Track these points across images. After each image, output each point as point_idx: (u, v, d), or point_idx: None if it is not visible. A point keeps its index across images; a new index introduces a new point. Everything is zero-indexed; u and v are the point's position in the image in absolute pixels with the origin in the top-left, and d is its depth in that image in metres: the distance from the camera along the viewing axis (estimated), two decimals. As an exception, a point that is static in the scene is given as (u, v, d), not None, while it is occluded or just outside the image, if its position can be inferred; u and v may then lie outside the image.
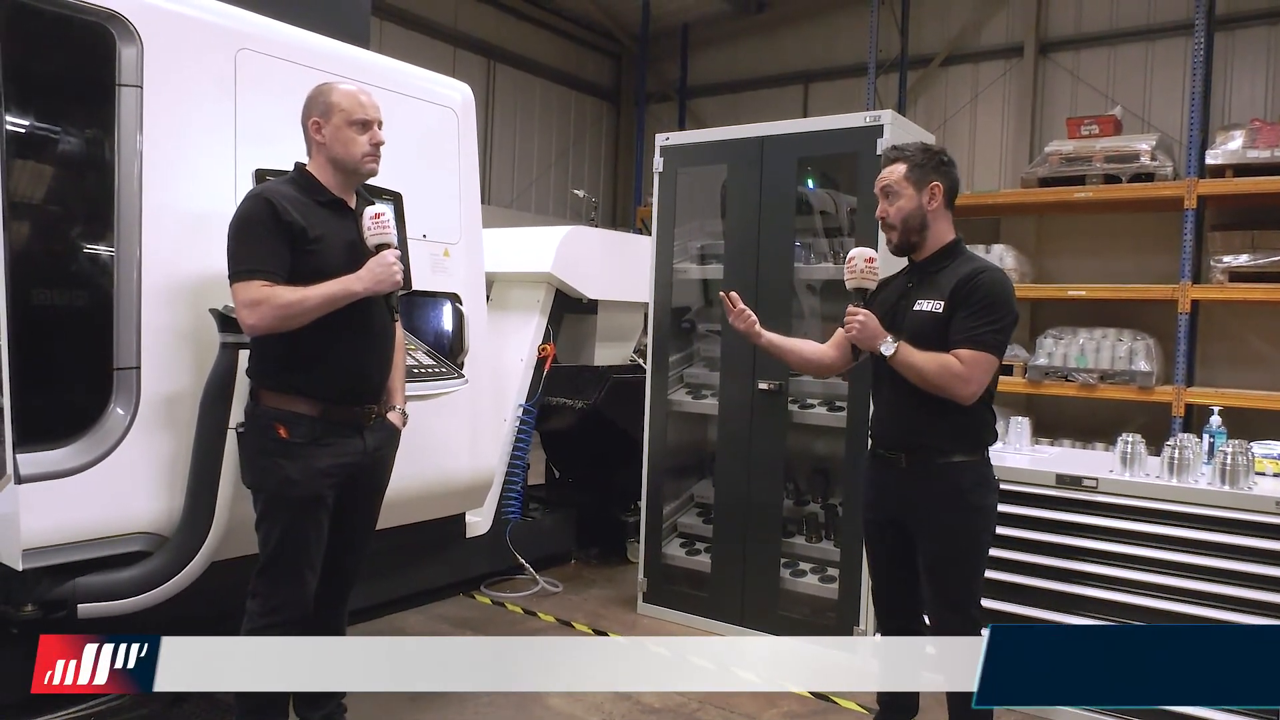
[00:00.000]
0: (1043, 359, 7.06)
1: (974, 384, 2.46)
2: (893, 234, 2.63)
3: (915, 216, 2.59)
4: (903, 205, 2.59)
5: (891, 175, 2.61)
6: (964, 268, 2.56)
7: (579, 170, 11.95)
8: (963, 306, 2.48)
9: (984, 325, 2.46)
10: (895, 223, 2.61)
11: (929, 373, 2.46)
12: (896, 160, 2.63)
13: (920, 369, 2.47)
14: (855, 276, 2.58)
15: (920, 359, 2.47)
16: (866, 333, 2.52)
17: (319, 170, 2.56)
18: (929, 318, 2.53)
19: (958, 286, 2.50)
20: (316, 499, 2.47)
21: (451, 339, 3.70)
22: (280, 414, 2.45)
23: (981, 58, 9.52)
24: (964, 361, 2.44)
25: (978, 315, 2.47)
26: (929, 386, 2.48)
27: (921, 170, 2.59)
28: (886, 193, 2.62)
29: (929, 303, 2.55)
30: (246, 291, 2.35)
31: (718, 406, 4.11)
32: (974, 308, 2.47)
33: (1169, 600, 3.05)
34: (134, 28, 2.72)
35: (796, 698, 3.33)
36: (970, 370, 2.44)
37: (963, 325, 2.47)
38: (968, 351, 2.45)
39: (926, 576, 2.62)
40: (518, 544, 4.49)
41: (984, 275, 2.51)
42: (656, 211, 4.24)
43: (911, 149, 2.65)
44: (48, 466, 2.54)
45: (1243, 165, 6.50)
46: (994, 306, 2.48)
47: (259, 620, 2.45)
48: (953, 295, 2.50)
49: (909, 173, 2.59)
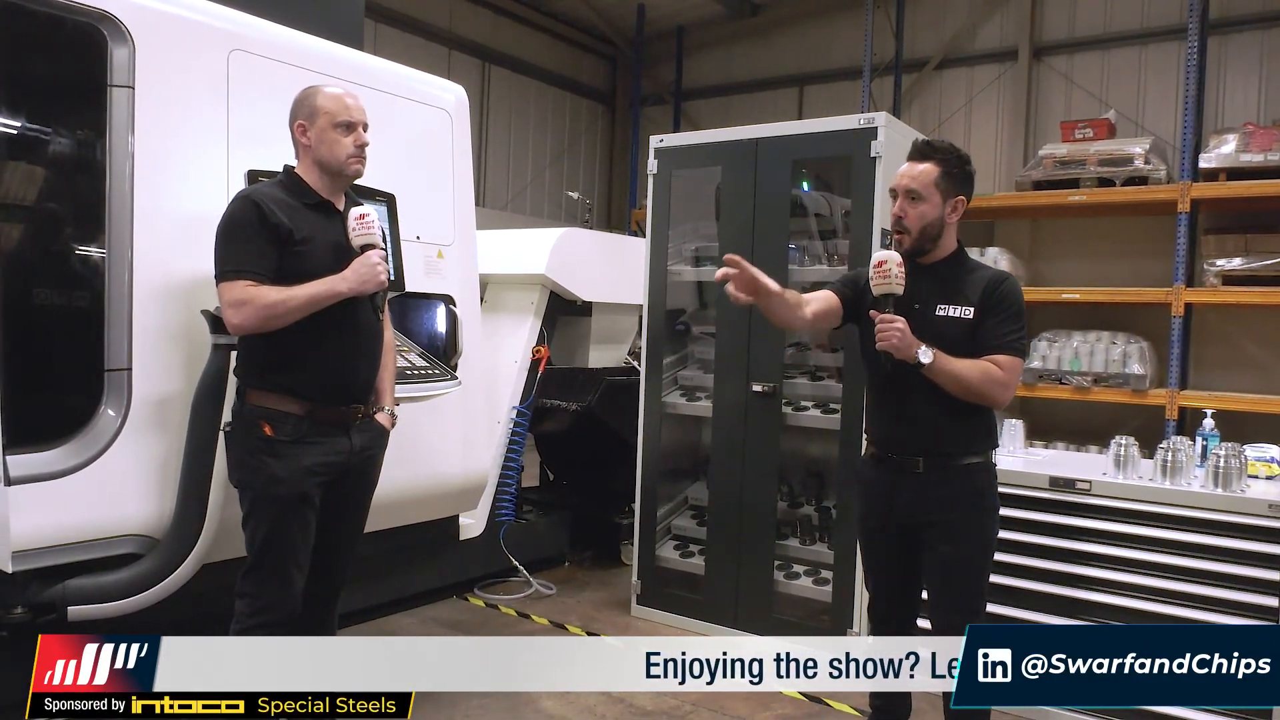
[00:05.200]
0: (1037, 362, 7.07)
1: (1011, 389, 2.46)
2: (906, 238, 2.48)
3: (935, 226, 2.46)
4: (926, 211, 2.44)
5: (922, 178, 2.44)
6: (985, 273, 2.53)
7: (574, 173, 11.95)
8: (994, 313, 2.45)
9: (1015, 331, 2.45)
10: (913, 228, 2.46)
11: (972, 380, 2.39)
12: (930, 159, 2.46)
13: (961, 377, 2.38)
14: (887, 281, 2.37)
15: (962, 366, 2.39)
16: (906, 340, 2.35)
17: (306, 173, 2.57)
18: (960, 324, 2.45)
19: (987, 292, 2.46)
20: (303, 498, 2.47)
21: (445, 341, 3.69)
22: (266, 412, 2.45)
23: (976, 61, 9.54)
24: (1003, 368, 2.41)
25: (1010, 322, 2.45)
26: (968, 393, 2.41)
27: (952, 180, 2.46)
28: (911, 195, 2.45)
29: (955, 309, 2.46)
30: (231, 291, 2.38)
31: (712, 409, 4.11)
32: (1004, 314, 2.45)
33: (1162, 603, 3.05)
34: (126, 28, 2.71)
35: (789, 700, 3.33)
36: (1009, 376, 2.43)
37: (996, 332, 2.44)
38: (1005, 357, 2.42)
39: (937, 578, 2.57)
40: (511, 546, 4.48)
41: (1009, 282, 2.49)
42: (651, 213, 4.24)
43: (945, 150, 2.48)
44: (38, 468, 2.54)
45: (1236, 169, 6.52)
46: (1020, 314, 2.47)
47: (247, 620, 2.44)
48: (983, 301, 2.45)
49: (940, 180, 2.44)
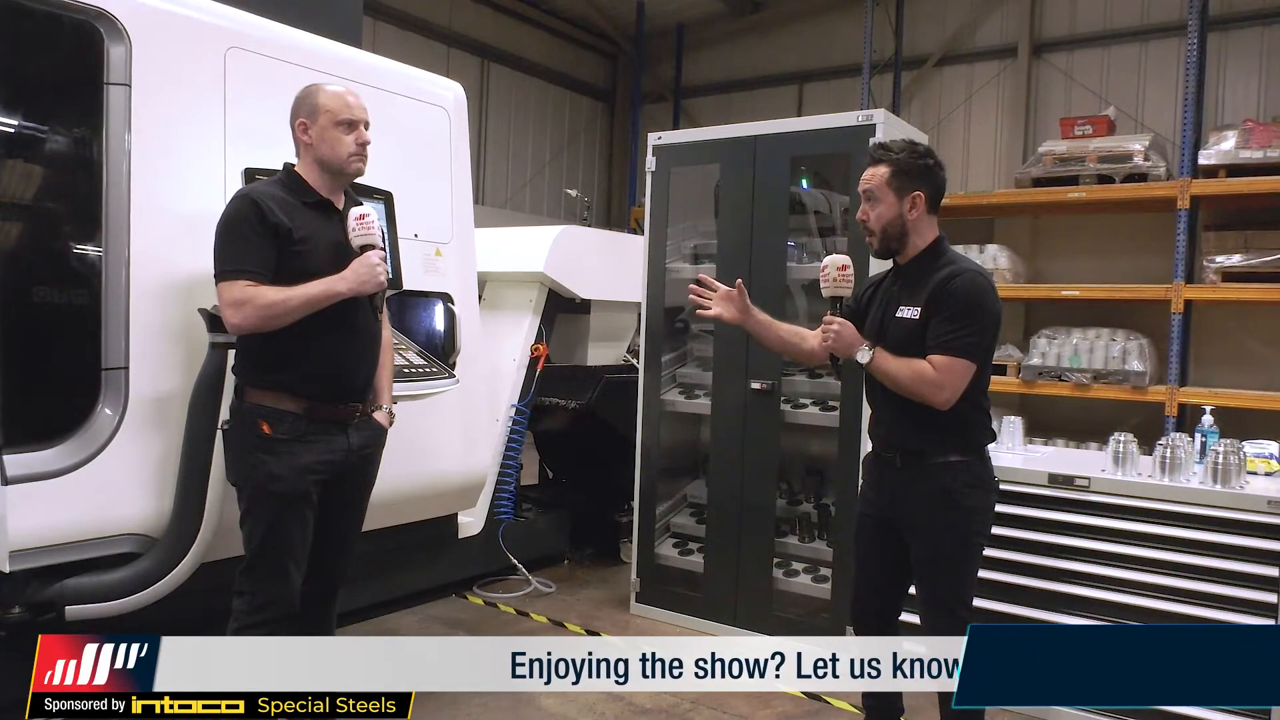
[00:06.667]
0: (1036, 359, 7.08)
1: (948, 390, 2.42)
2: (872, 239, 2.57)
3: (895, 225, 2.52)
4: (883, 212, 2.52)
5: (873, 179, 2.53)
6: (940, 271, 2.50)
7: (574, 171, 11.95)
8: (937, 312, 2.44)
9: (958, 331, 2.41)
10: (875, 229, 2.55)
11: (902, 380, 2.45)
12: (880, 162, 2.54)
13: (894, 376, 2.45)
14: (829, 285, 2.55)
15: (893, 366, 2.45)
16: (842, 341, 2.51)
17: (306, 171, 2.57)
18: (907, 324, 2.50)
19: (933, 292, 2.46)
20: (301, 496, 2.47)
21: (444, 339, 3.68)
22: (264, 410, 2.46)
23: (976, 58, 9.55)
24: (937, 368, 2.41)
25: (951, 321, 2.42)
26: (905, 393, 2.46)
27: (905, 177, 2.50)
28: (868, 196, 2.54)
29: (908, 309, 2.51)
30: (231, 291, 2.38)
31: (711, 406, 4.11)
32: (948, 313, 2.43)
33: (1161, 599, 3.05)
34: (123, 26, 2.71)
35: (789, 698, 3.33)
36: (943, 377, 2.40)
37: (937, 332, 2.43)
38: (941, 358, 2.41)
39: (916, 576, 2.60)
40: (511, 544, 4.48)
41: (959, 279, 2.45)
42: (649, 211, 4.23)
43: (897, 150, 2.55)
44: (35, 467, 2.53)
45: (1236, 165, 6.52)
46: (969, 311, 2.43)
47: (245, 619, 2.44)
48: (928, 301, 2.46)
49: (891, 178, 2.50)
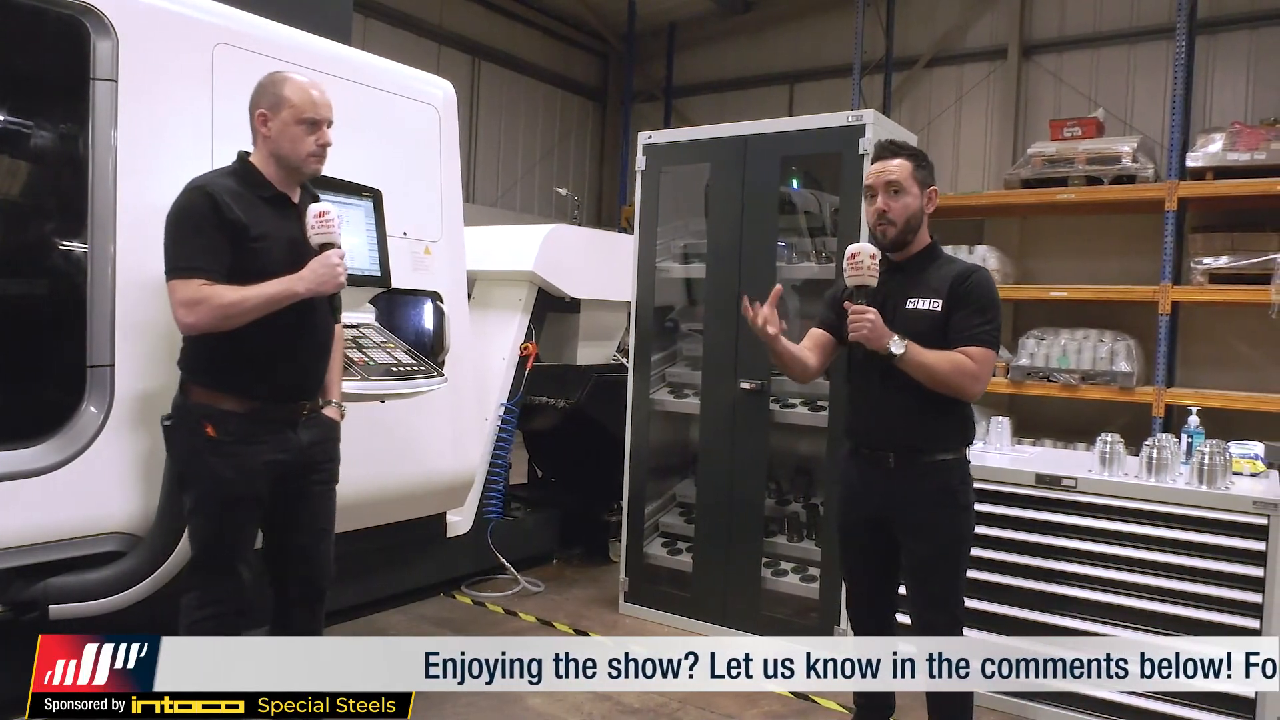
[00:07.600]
0: (1024, 359, 7.10)
1: (983, 381, 2.47)
2: (891, 230, 2.54)
3: (916, 217, 2.55)
4: (909, 203, 2.54)
5: (901, 171, 2.54)
6: (954, 266, 2.56)
7: (564, 169, 11.93)
8: (962, 305, 2.48)
9: (986, 323, 2.47)
10: (898, 219, 2.53)
11: (942, 371, 2.42)
12: (901, 155, 2.56)
13: (933, 368, 2.42)
14: (860, 273, 2.45)
15: (933, 358, 2.43)
16: (877, 331, 2.41)
17: (262, 164, 2.47)
18: (927, 316, 2.50)
19: (955, 285, 2.49)
20: (250, 496, 2.42)
21: (432, 338, 3.68)
22: (208, 411, 2.38)
23: (966, 59, 9.57)
24: (974, 359, 2.44)
25: (981, 314, 2.47)
26: (940, 385, 2.44)
27: (925, 172, 2.58)
28: (894, 188, 2.53)
29: (924, 301, 2.51)
30: (185, 290, 2.29)
31: (700, 406, 4.11)
32: (976, 306, 2.47)
33: (1147, 599, 3.06)
34: (109, 21, 2.69)
35: (777, 697, 3.33)
36: (980, 368, 2.45)
37: (965, 323, 2.46)
38: (977, 349, 2.45)
39: (911, 575, 2.61)
40: (499, 544, 4.47)
41: (978, 274, 2.52)
42: (639, 210, 4.23)
43: (914, 148, 2.61)
44: (19, 465, 2.52)
45: (1223, 168, 6.56)
46: (991, 305, 2.50)
47: (196, 614, 2.39)
48: (950, 293, 2.49)
49: (916, 172, 2.55)
